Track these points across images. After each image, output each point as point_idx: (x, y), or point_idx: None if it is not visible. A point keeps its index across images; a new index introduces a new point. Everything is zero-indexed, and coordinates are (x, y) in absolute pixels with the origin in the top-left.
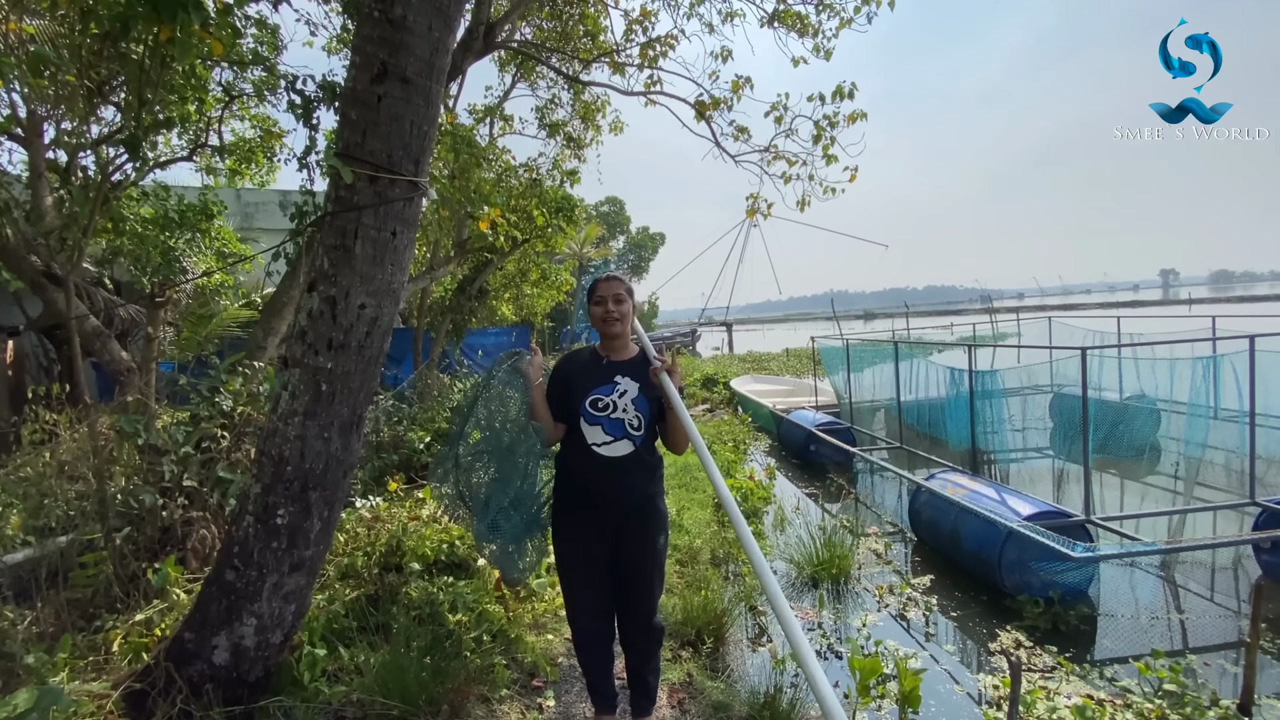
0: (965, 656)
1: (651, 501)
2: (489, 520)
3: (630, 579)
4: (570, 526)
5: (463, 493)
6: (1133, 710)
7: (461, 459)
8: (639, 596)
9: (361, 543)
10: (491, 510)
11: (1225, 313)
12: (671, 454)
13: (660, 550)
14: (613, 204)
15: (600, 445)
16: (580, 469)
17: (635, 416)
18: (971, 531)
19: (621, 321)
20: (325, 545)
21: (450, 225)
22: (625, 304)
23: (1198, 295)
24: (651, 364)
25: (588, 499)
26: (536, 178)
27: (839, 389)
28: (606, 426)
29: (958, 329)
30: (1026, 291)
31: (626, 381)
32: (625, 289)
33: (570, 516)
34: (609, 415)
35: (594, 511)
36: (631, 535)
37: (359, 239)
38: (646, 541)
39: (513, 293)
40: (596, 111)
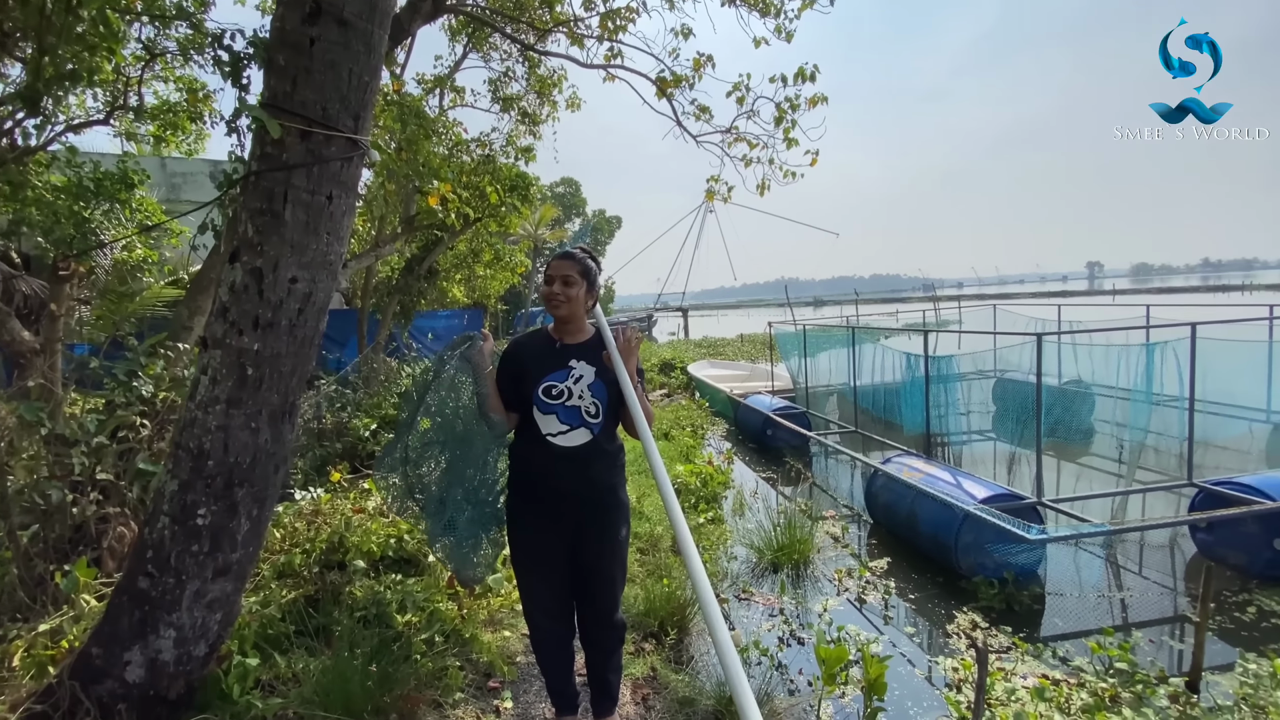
0: (924, 639)
1: (612, 492)
2: (444, 517)
3: (591, 574)
4: (526, 521)
5: (413, 486)
6: (1087, 690)
7: (411, 450)
8: (600, 592)
9: (300, 539)
10: (447, 507)
11: (1153, 302)
12: (633, 439)
13: (622, 543)
14: (569, 185)
15: (555, 435)
16: (535, 461)
17: (592, 403)
18: (928, 514)
19: (569, 304)
20: (256, 547)
21: (397, 200)
22: (575, 286)
23: (1121, 286)
24: (607, 346)
25: (544, 492)
26: (490, 154)
27: (795, 374)
28: (561, 415)
29: (903, 316)
30: (966, 281)
31: (582, 366)
32: (578, 269)
33: (526, 510)
34: (564, 403)
35: (551, 505)
36: (592, 528)
37: (289, 203)
38: (607, 535)
39: (464, 274)
40: (553, 86)
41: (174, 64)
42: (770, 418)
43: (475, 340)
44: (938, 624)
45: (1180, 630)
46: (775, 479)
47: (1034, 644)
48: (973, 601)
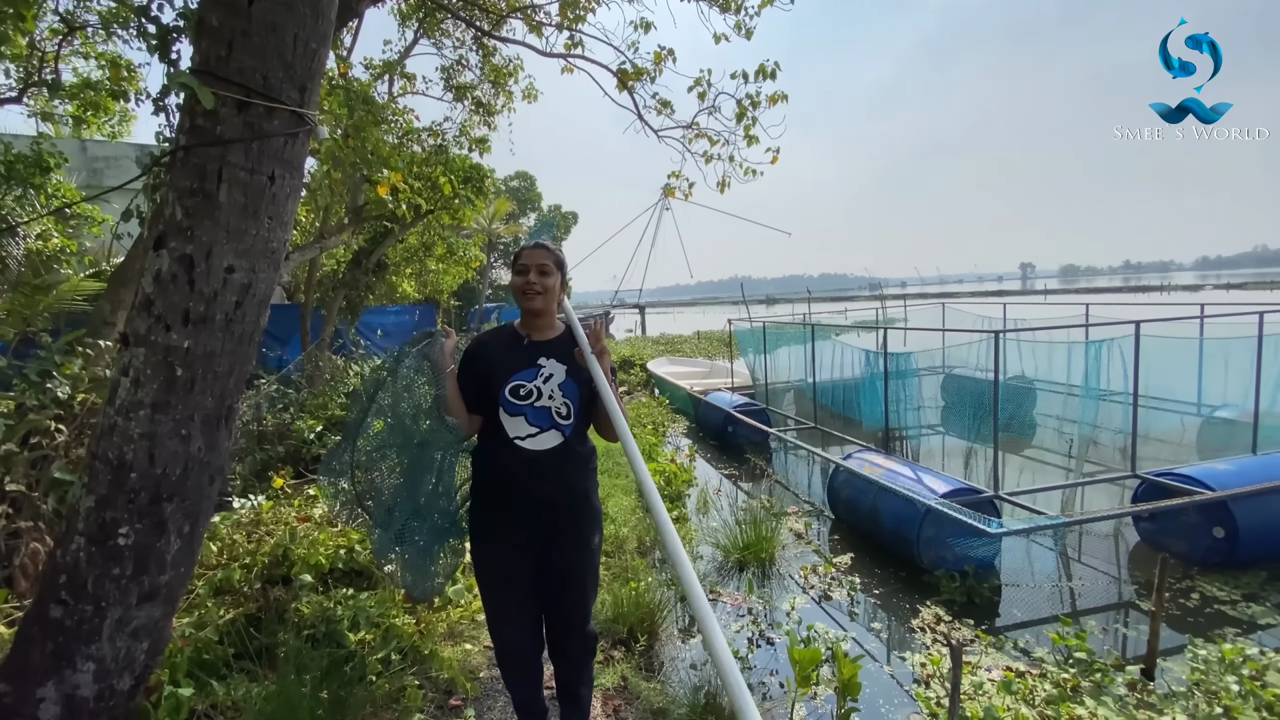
0: (891, 635)
1: (585, 498)
2: (395, 528)
3: (562, 585)
4: (491, 532)
5: (363, 494)
6: (1050, 681)
7: (361, 454)
8: (571, 604)
9: (240, 552)
10: (399, 517)
11: (1091, 301)
12: (604, 441)
13: (595, 551)
14: (523, 179)
15: (524, 438)
16: (501, 466)
17: (563, 403)
18: (890, 509)
19: (544, 295)
20: (188, 567)
21: (343, 189)
22: (551, 276)
23: (1051, 286)
24: (579, 343)
25: (511, 500)
26: (443, 143)
27: (754, 371)
28: (530, 416)
29: (852, 314)
30: (909, 280)
31: (552, 364)
32: (553, 260)
33: (491, 520)
34: (533, 403)
35: (519, 513)
36: (563, 537)
37: (224, 183)
38: (580, 543)
39: (415, 268)
40: (508, 76)
41: (95, 39)
42: (731, 414)
43: (436, 337)
44: (903, 619)
45: (1126, 615)
46: (737, 476)
47: (995, 635)
48: (935, 595)
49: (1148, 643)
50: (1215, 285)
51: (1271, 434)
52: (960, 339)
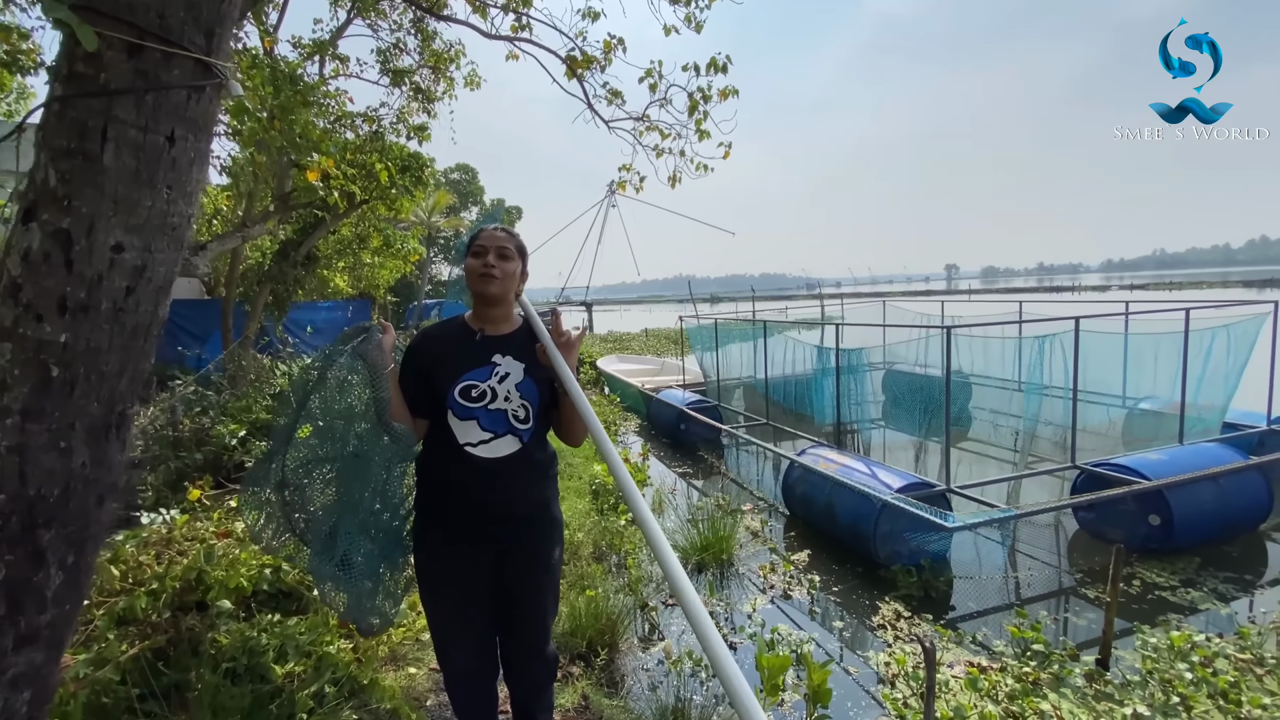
0: (853, 633)
1: (545, 508)
2: (336, 554)
3: (519, 605)
4: (440, 550)
5: (294, 518)
6: (1011, 675)
7: (289, 470)
8: (529, 625)
9: (147, 576)
10: (339, 541)
11: (1026, 299)
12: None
13: (555, 566)
14: (464, 172)
15: (476, 445)
16: (451, 476)
17: (521, 405)
18: (846, 505)
19: (503, 281)
20: (75, 603)
21: (269, 175)
22: (511, 261)
23: (975, 286)
24: (540, 337)
25: (462, 513)
26: (379, 130)
27: (706, 368)
28: (484, 420)
29: (792, 312)
30: (844, 280)
31: (508, 362)
32: (514, 244)
33: (439, 537)
34: (486, 405)
35: (471, 528)
36: (520, 553)
37: (110, 142)
38: (539, 559)
39: (349, 261)
40: (449, 62)
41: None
42: (684, 412)
43: (372, 333)
44: (863, 616)
45: (1066, 601)
46: (691, 474)
47: (954, 630)
48: (893, 590)
49: (1102, 632)
50: (1120, 286)
51: (1194, 424)
52: (906, 335)
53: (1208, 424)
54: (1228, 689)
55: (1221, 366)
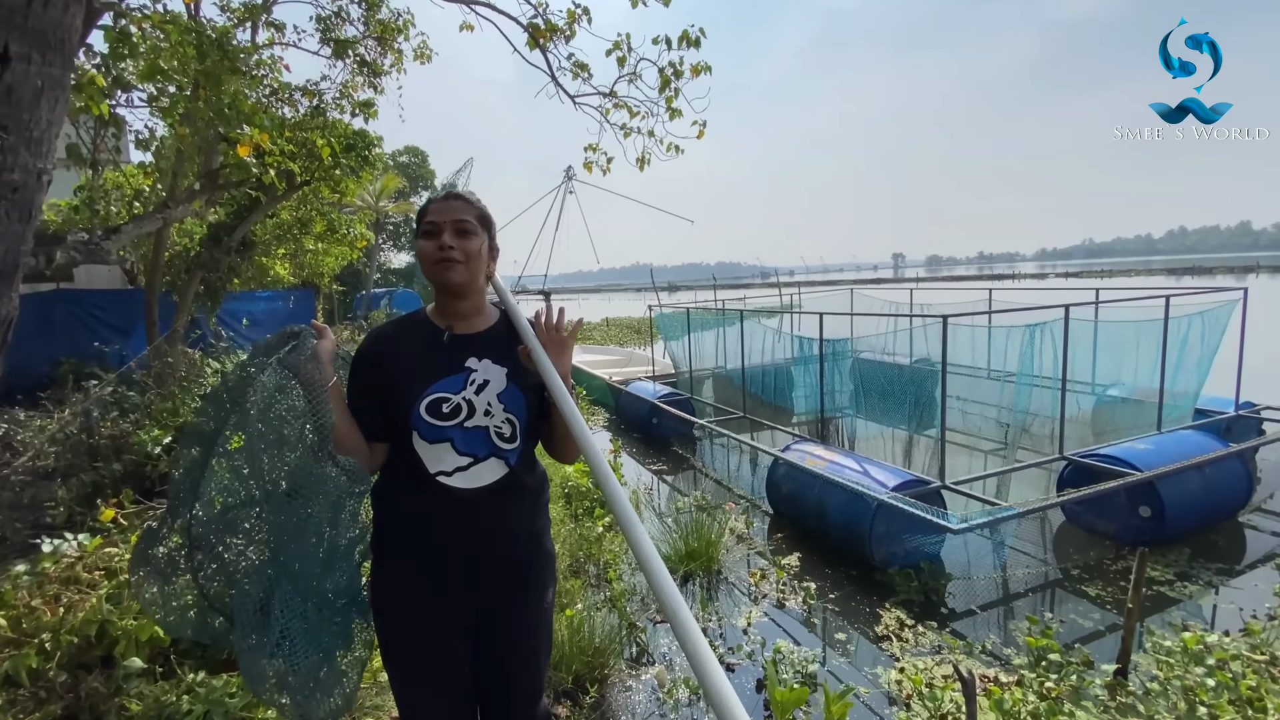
0: (857, 647)
1: (535, 542)
2: (274, 633)
3: (505, 663)
4: (404, 601)
5: (209, 591)
6: (1032, 690)
7: (200, 525)
8: (518, 685)
9: (42, 625)
10: (278, 615)
11: (995, 287)
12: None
13: (548, 610)
14: (414, 154)
15: (451, 473)
16: (419, 514)
17: (505, 420)
18: (838, 504)
19: (468, 264)
20: None
21: (195, 149)
22: (474, 237)
23: (920, 275)
24: (522, 336)
25: (435, 560)
26: (320, 105)
27: (677, 359)
28: (460, 442)
29: (751, 301)
30: (796, 269)
31: (486, 366)
32: (475, 214)
33: (406, 590)
34: (462, 423)
35: (446, 579)
36: (509, 600)
37: None
38: (530, 604)
39: (290, 247)
40: (397, 33)
41: None
42: (656, 405)
43: (304, 339)
44: (864, 625)
45: (1053, 595)
46: (665, 470)
47: (961, 638)
48: (892, 595)
49: (1121, 639)
50: (1056, 274)
51: (1169, 411)
52: (875, 323)
53: (1182, 410)
54: (1251, 696)
55: (1195, 353)
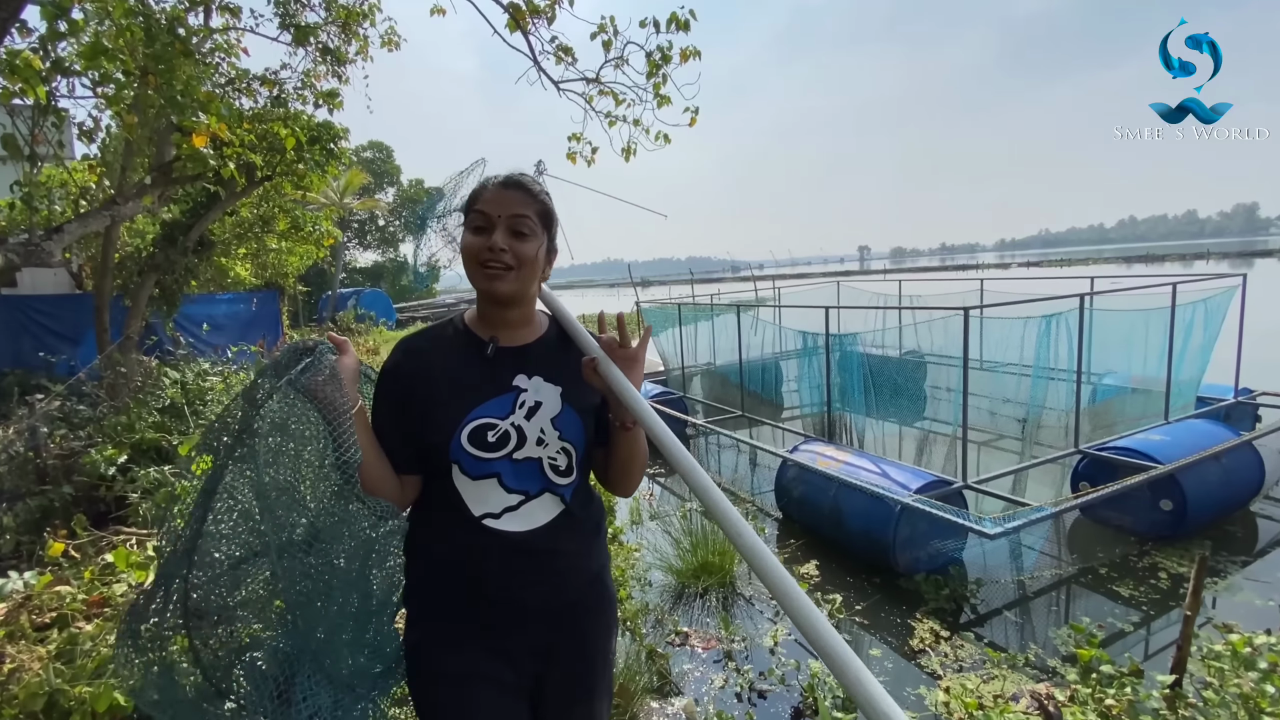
0: (895, 665)
1: (598, 585)
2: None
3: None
4: (446, 662)
5: (213, 667)
6: (1093, 709)
7: (201, 587)
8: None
9: None
10: (303, 698)
11: (987, 277)
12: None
13: (611, 661)
14: (378, 149)
15: (499, 515)
16: (461, 566)
17: (561, 449)
18: (856, 508)
19: (518, 270)
20: None
21: (145, 141)
22: (530, 241)
23: (886, 267)
24: (583, 348)
25: (483, 613)
26: (280, 95)
27: (667, 356)
28: (509, 476)
29: (726, 295)
30: (765, 263)
31: (537, 384)
32: (537, 210)
33: (450, 651)
34: (510, 455)
35: (498, 636)
36: (568, 655)
37: None
38: (594, 657)
39: (252, 246)
40: (362, 18)
41: None
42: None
43: (319, 355)
44: (897, 639)
45: (1068, 591)
46: (660, 473)
47: (1000, 649)
48: (921, 604)
49: (1177, 647)
50: (1019, 264)
51: (1172, 399)
52: (863, 316)
53: (1185, 399)
54: None
55: (1198, 339)
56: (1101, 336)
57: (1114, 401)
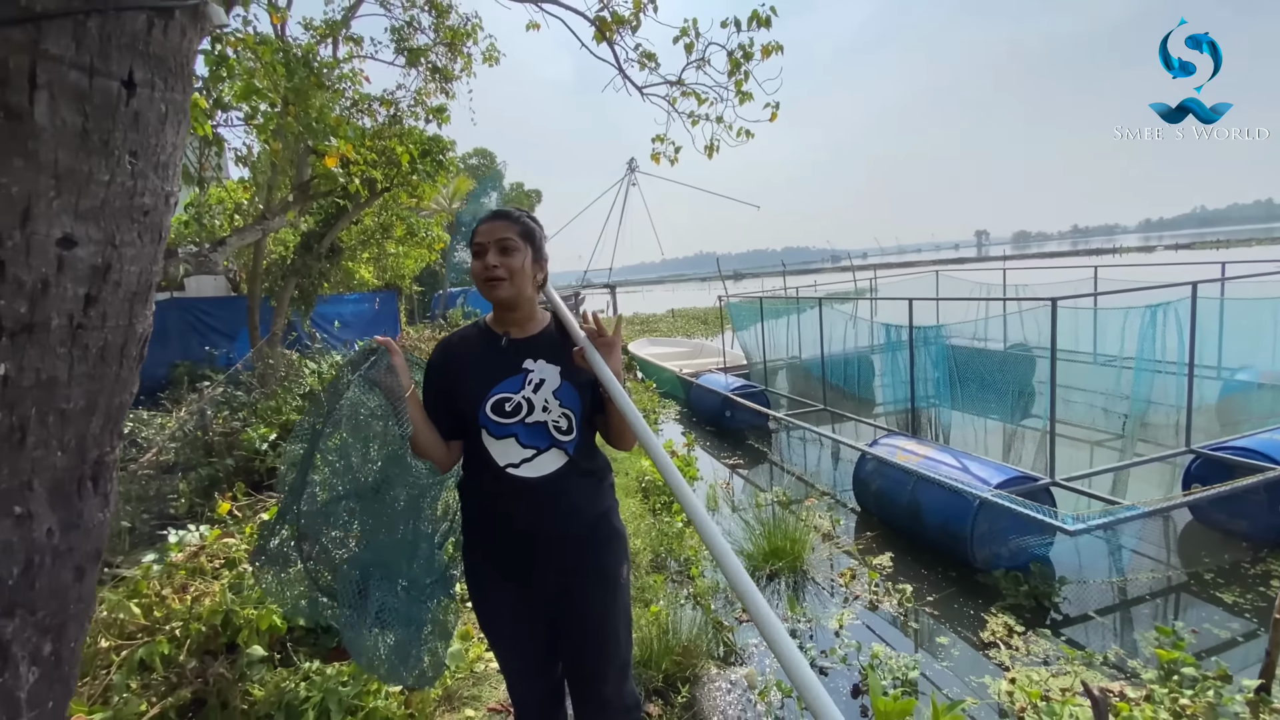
0: (961, 654)
1: (604, 522)
2: (372, 610)
3: (588, 641)
4: (488, 583)
5: (316, 574)
6: (1164, 707)
7: (306, 519)
8: (602, 661)
9: (171, 613)
10: (374, 594)
11: (1100, 264)
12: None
13: (624, 587)
14: (483, 156)
15: (519, 464)
16: (494, 501)
17: (562, 415)
18: (934, 503)
19: (512, 280)
20: (61, 696)
21: (286, 163)
22: (517, 254)
23: (1006, 254)
24: (574, 339)
25: (512, 541)
26: (396, 113)
27: (749, 350)
28: (523, 436)
29: (822, 287)
30: (870, 251)
31: (541, 366)
32: (518, 231)
33: (491, 569)
34: (523, 420)
35: (524, 557)
36: (581, 577)
37: (41, 90)
38: (605, 580)
39: (373, 251)
40: (466, 37)
41: None
42: (730, 399)
43: (380, 355)
44: (968, 630)
45: (1178, 600)
46: (741, 465)
47: (1078, 648)
48: (997, 600)
49: (1266, 652)
50: (1164, 247)
51: None
52: (964, 308)
53: None
54: None
55: None
56: (1237, 328)
57: (1238, 398)
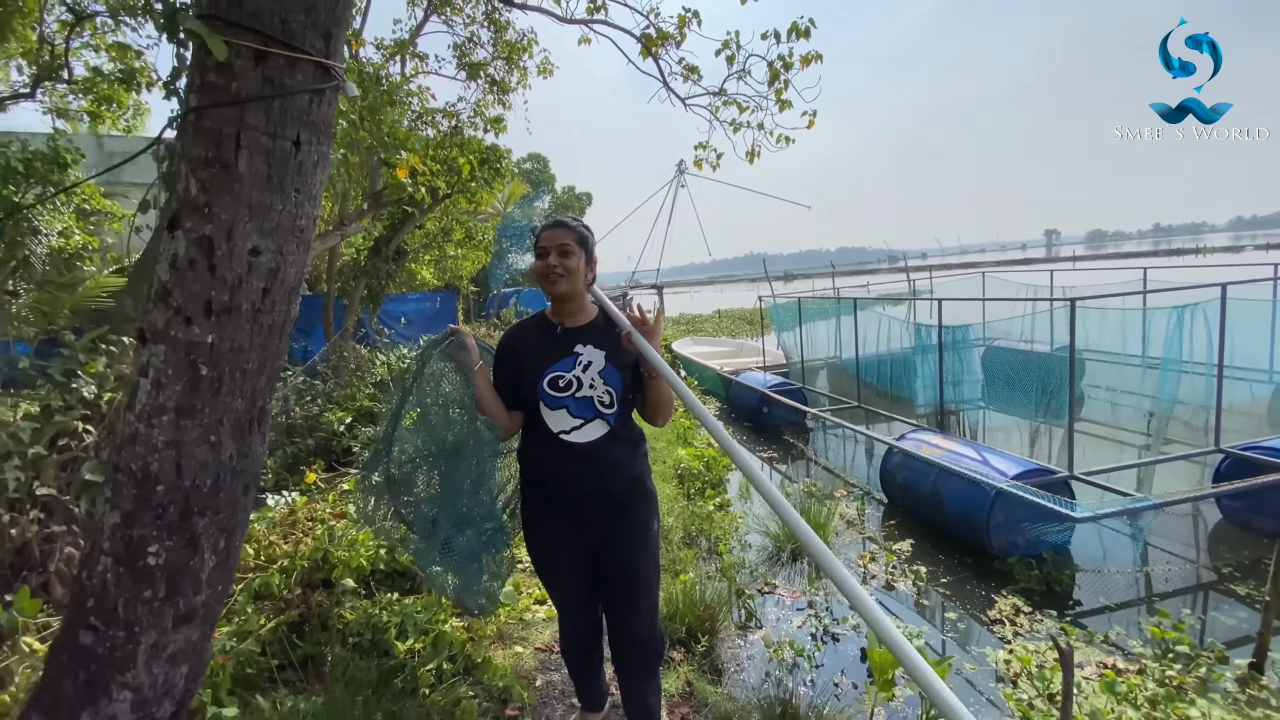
0: (967, 628)
1: (638, 484)
2: (439, 541)
3: (623, 584)
4: (542, 531)
5: (401, 506)
6: (1152, 678)
7: (395, 462)
8: (635, 602)
9: (278, 554)
10: (441, 529)
11: (1151, 265)
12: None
13: (654, 539)
14: (536, 161)
15: (569, 432)
16: (547, 462)
17: (605, 391)
18: (954, 493)
19: (568, 277)
20: (226, 584)
21: (361, 174)
22: (573, 256)
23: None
24: (620, 327)
25: (561, 495)
26: (458, 124)
27: (789, 349)
28: (573, 408)
29: (875, 288)
30: (930, 251)
31: (589, 351)
32: (574, 238)
33: (541, 519)
34: (574, 394)
35: (571, 508)
36: (619, 530)
37: (243, 149)
38: (638, 533)
39: (434, 254)
40: (522, 51)
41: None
42: (767, 395)
43: (457, 336)
44: (977, 608)
45: (1205, 598)
46: (775, 458)
47: (1082, 628)
48: (1010, 584)
49: (1259, 634)
50: (1255, 246)
51: None
52: (1009, 309)
53: None
54: None
55: None
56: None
57: (1276, 399)
